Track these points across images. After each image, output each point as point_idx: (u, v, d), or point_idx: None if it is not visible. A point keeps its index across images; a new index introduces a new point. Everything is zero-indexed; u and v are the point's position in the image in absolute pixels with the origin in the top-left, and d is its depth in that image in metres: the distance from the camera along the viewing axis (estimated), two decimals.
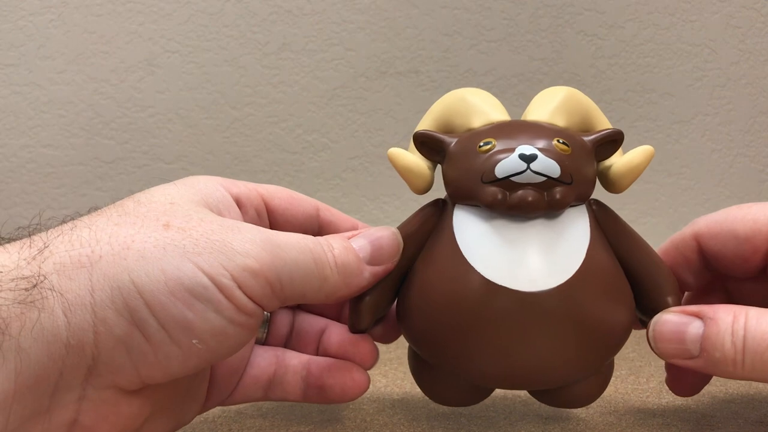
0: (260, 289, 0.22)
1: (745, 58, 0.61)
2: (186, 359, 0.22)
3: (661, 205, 0.61)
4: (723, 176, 0.62)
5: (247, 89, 0.59)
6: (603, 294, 0.25)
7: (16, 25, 0.58)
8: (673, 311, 0.26)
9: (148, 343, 0.21)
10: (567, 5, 0.59)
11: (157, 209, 0.23)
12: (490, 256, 0.24)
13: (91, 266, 0.21)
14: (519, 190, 0.24)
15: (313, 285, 0.24)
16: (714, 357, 0.24)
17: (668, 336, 0.25)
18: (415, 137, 0.27)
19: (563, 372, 0.26)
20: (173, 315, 0.21)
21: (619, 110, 0.60)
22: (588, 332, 0.25)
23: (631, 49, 0.60)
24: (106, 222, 0.22)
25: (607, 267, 0.26)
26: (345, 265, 0.25)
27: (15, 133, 0.59)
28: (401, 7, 0.59)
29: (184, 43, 0.59)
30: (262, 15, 0.59)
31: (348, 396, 0.28)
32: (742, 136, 0.62)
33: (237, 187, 0.27)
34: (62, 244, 0.21)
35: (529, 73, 0.60)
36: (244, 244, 0.22)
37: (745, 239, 0.27)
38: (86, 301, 0.20)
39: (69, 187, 0.59)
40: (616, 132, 0.26)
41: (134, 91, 0.59)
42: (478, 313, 0.24)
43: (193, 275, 0.21)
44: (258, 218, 0.28)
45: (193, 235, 0.22)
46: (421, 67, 0.60)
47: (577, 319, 0.24)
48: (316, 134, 0.60)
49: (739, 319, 0.24)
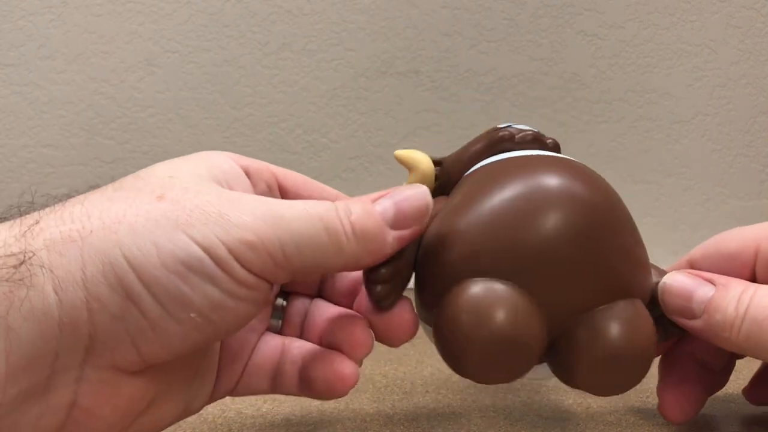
0: (261, 262, 0.21)
1: (745, 58, 0.61)
2: (186, 334, 0.21)
3: (661, 205, 0.61)
4: (723, 176, 0.62)
5: (247, 89, 0.59)
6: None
7: (16, 25, 0.58)
8: (689, 272, 0.27)
9: (145, 319, 0.20)
10: (567, 5, 0.59)
11: (155, 183, 0.22)
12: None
13: (82, 241, 0.20)
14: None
15: (327, 255, 0.22)
16: (714, 318, 0.25)
17: (677, 291, 0.26)
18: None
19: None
20: (168, 289, 0.20)
21: (619, 110, 0.60)
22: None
23: (631, 49, 0.60)
24: (100, 197, 0.21)
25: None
26: (364, 231, 0.22)
27: (15, 133, 0.59)
28: (401, 7, 0.59)
29: (184, 43, 0.59)
30: (262, 15, 0.59)
31: (333, 391, 0.26)
32: (742, 136, 0.62)
33: (248, 160, 0.26)
34: (53, 220, 0.20)
35: (529, 73, 0.60)
36: (242, 215, 0.21)
37: (734, 256, 0.28)
38: (77, 278, 0.19)
39: (69, 187, 0.59)
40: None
41: (134, 91, 0.59)
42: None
43: (186, 247, 0.20)
44: (270, 193, 0.27)
45: (187, 206, 0.21)
46: (421, 67, 0.60)
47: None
48: (316, 134, 0.60)
49: (747, 291, 0.25)
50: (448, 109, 0.60)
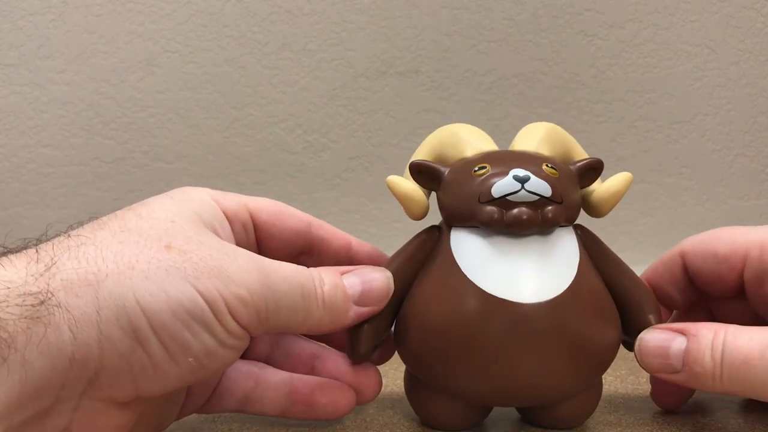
0: (248, 317, 0.23)
1: (745, 58, 0.61)
2: (181, 375, 0.23)
3: (661, 205, 0.61)
4: (723, 176, 0.62)
5: (247, 89, 0.59)
6: (593, 309, 0.27)
7: (16, 25, 0.58)
8: (659, 328, 0.27)
9: (149, 360, 0.22)
10: (567, 5, 0.59)
11: (159, 227, 0.24)
12: (488, 271, 0.26)
13: (98, 284, 0.21)
14: (514, 208, 0.26)
15: (297, 318, 0.25)
16: (695, 371, 0.25)
17: (653, 351, 0.26)
18: (412, 167, 0.29)
19: (556, 386, 0.27)
20: (173, 334, 0.22)
21: (619, 110, 0.61)
22: (579, 346, 0.26)
23: (631, 49, 0.60)
24: (111, 239, 0.23)
25: (595, 284, 0.27)
26: (332, 302, 0.25)
27: (15, 133, 0.59)
28: (401, 7, 0.59)
29: (184, 43, 0.59)
30: (262, 15, 0.59)
31: (338, 413, 0.29)
32: (742, 136, 0.62)
33: (226, 200, 0.28)
34: (69, 261, 0.22)
35: (529, 73, 0.60)
36: (239, 272, 0.23)
37: (723, 258, 0.29)
38: (92, 319, 0.21)
39: (69, 187, 0.59)
40: (597, 161, 0.29)
41: (134, 91, 0.59)
42: (478, 325, 0.26)
43: (193, 297, 0.22)
44: (245, 232, 0.29)
45: (194, 258, 0.23)
46: (421, 67, 0.60)
47: (569, 331, 0.26)
48: (316, 134, 0.60)
49: (718, 336, 0.25)
50: (448, 109, 0.60)
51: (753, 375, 0.24)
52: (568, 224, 0.28)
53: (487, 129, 0.32)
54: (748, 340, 0.24)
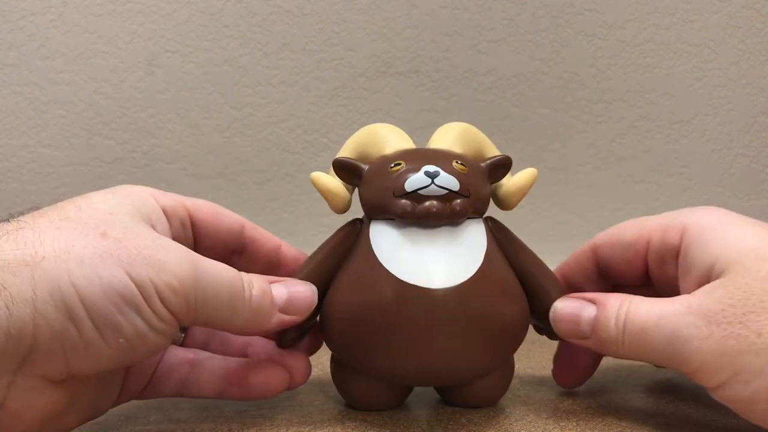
0: (177, 305, 0.25)
1: (745, 58, 0.61)
2: (112, 356, 0.24)
3: (661, 205, 0.61)
4: (723, 176, 0.62)
5: (247, 89, 0.59)
6: (499, 292, 0.29)
7: (16, 25, 0.58)
8: (572, 296, 0.30)
9: (81, 339, 0.23)
10: (567, 5, 0.59)
11: (97, 217, 0.25)
12: (402, 259, 0.28)
13: (35, 265, 0.22)
14: (425, 201, 0.28)
15: (224, 315, 0.26)
16: (602, 337, 0.28)
17: (566, 317, 0.29)
18: (335, 164, 0.31)
19: (468, 365, 0.29)
20: (105, 315, 0.23)
21: (619, 110, 0.61)
22: (488, 327, 0.28)
23: (631, 49, 0.60)
24: (49, 225, 0.24)
25: (502, 269, 0.30)
26: (259, 306, 0.27)
27: (15, 133, 0.59)
28: (401, 7, 0.59)
29: (184, 43, 0.59)
30: (262, 15, 0.59)
31: (271, 393, 0.30)
32: (742, 136, 0.62)
33: (165, 198, 0.30)
34: (7, 243, 0.23)
35: (529, 73, 0.60)
36: (172, 263, 0.25)
37: (630, 244, 0.31)
38: (28, 296, 0.22)
39: (69, 187, 0.59)
40: (505, 158, 0.31)
41: (134, 91, 0.59)
42: (394, 311, 0.27)
43: (125, 282, 0.23)
44: (182, 229, 0.31)
45: (128, 246, 0.24)
46: (421, 67, 0.60)
47: (477, 313, 0.28)
48: (316, 134, 0.60)
49: (623, 305, 0.27)
50: (448, 109, 0.60)
51: (648, 342, 0.26)
52: (478, 216, 0.30)
53: (487, 129, 0.33)
54: (647, 310, 0.26)
